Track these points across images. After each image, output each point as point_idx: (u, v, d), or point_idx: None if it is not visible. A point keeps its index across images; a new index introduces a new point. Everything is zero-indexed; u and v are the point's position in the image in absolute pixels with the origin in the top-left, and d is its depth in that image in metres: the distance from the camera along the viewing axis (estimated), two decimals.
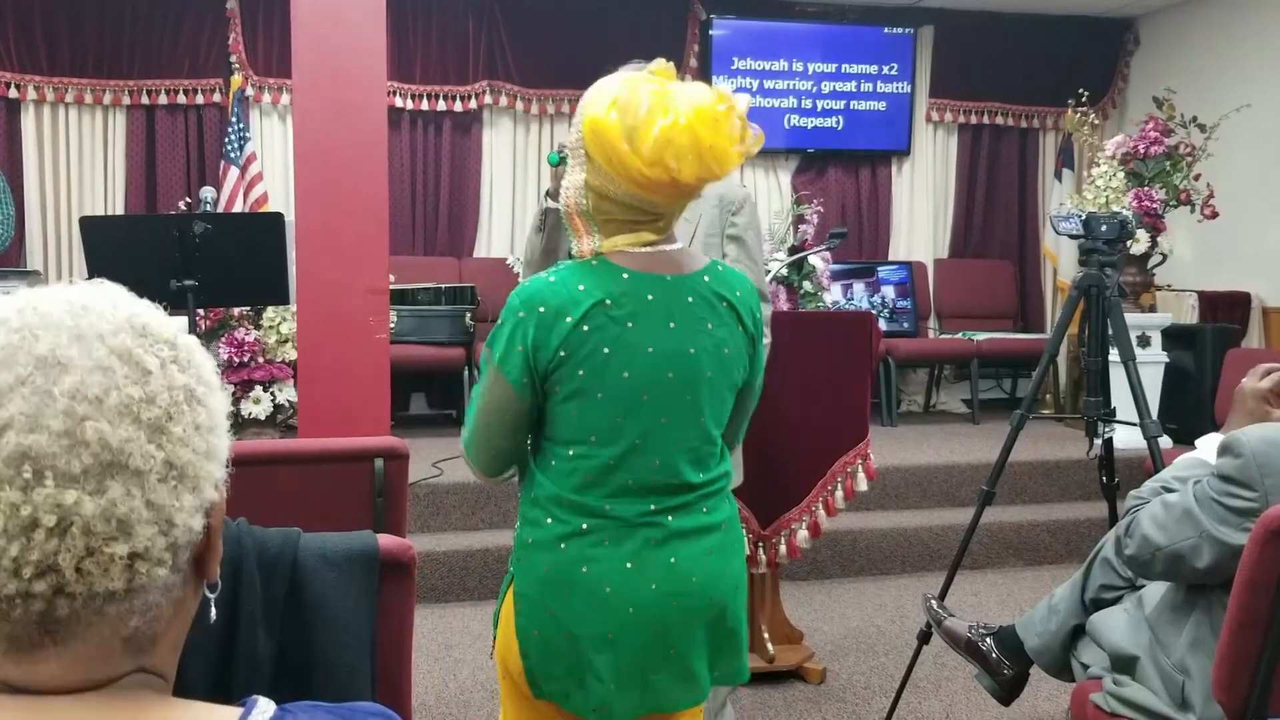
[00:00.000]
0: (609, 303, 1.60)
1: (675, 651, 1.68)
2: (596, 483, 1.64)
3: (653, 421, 1.63)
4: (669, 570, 1.66)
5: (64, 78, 6.14)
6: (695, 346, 1.65)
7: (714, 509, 1.73)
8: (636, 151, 1.55)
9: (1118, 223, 2.96)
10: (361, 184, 3.78)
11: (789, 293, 6.30)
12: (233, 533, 1.51)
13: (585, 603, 1.63)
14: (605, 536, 1.64)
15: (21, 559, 0.66)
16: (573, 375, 1.60)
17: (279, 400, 5.17)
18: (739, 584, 1.77)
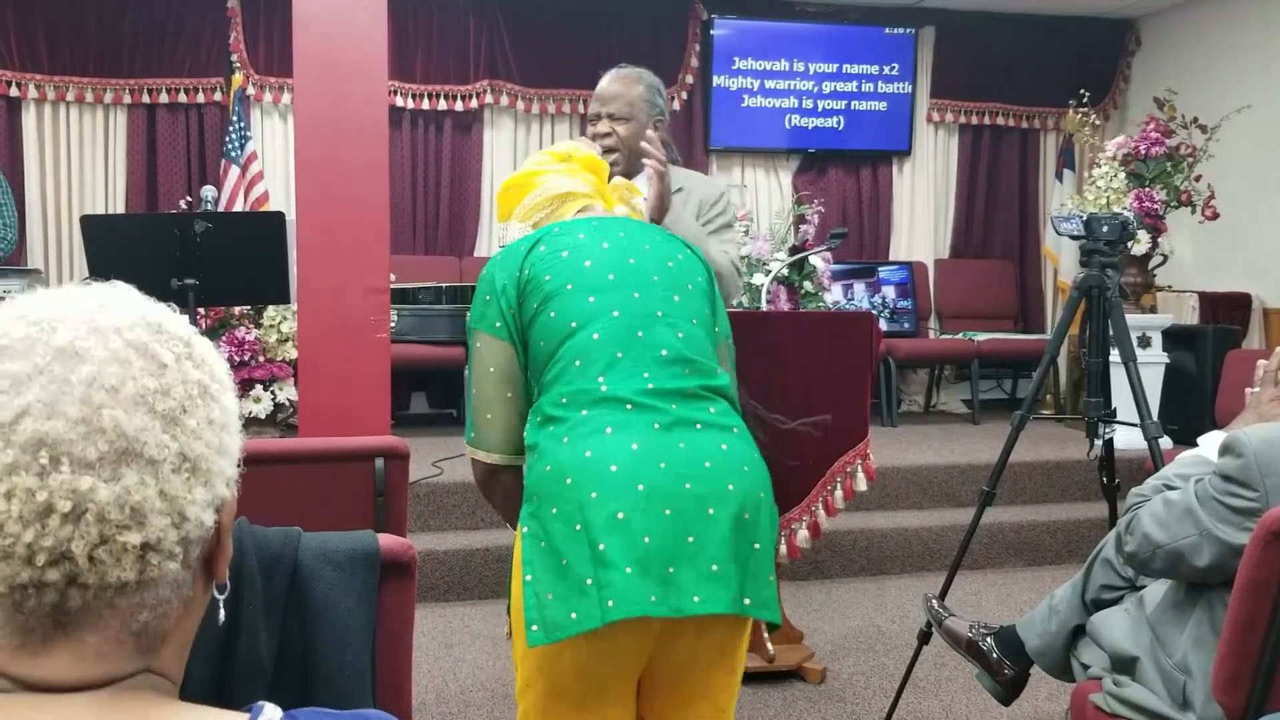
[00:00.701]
0: (557, 230, 1.77)
1: (695, 541, 1.54)
2: (586, 364, 1.63)
3: (625, 295, 1.68)
4: (678, 453, 1.57)
5: (65, 76, 6.14)
6: (648, 244, 1.78)
7: (723, 413, 1.66)
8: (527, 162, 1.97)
9: (1119, 223, 2.95)
10: (362, 183, 3.78)
11: (790, 293, 6.30)
12: (233, 532, 1.51)
13: (591, 485, 1.53)
14: (606, 423, 1.58)
15: (36, 545, 0.66)
16: (540, 284, 1.69)
17: (279, 399, 5.17)
18: (763, 498, 1.63)
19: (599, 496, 1.53)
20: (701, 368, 1.68)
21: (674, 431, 1.59)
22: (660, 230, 1.89)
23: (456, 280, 6.22)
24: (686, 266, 1.78)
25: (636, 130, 2.70)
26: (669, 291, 1.71)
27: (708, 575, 1.53)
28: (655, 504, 1.53)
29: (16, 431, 0.66)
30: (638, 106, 2.73)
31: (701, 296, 1.77)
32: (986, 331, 6.75)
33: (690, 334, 1.69)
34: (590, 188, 1.90)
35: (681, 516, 1.54)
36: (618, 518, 1.52)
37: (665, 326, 1.67)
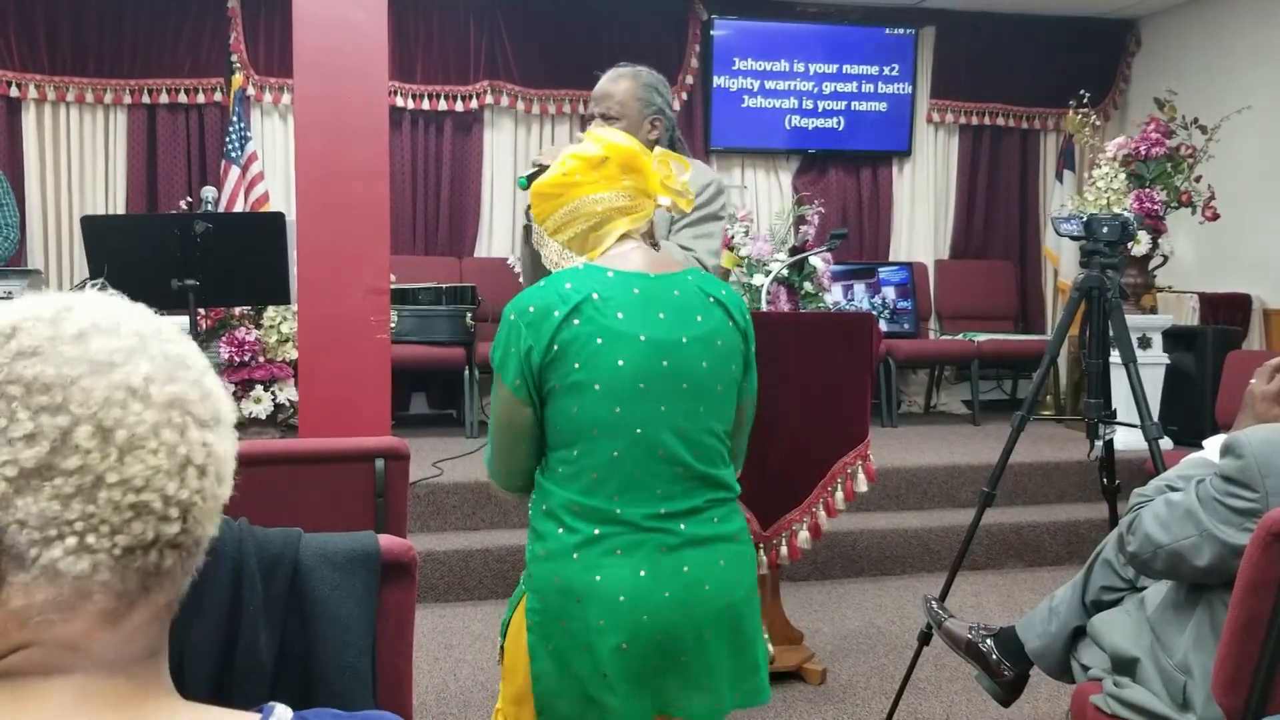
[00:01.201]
0: (596, 296, 1.65)
1: (685, 660, 1.68)
2: (603, 480, 1.64)
3: (652, 409, 1.65)
4: (681, 578, 1.66)
5: (65, 77, 6.14)
6: (687, 335, 1.69)
7: (725, 519, 1.74)
8: (560, 163, 1.77)
9: (1119, 224, 2.95)
10: (362, 183, 3.78)
11: (790, 293, 6.30)
12: (234, 533, 1.51)
13: (599, 613, 1.63)
14: (617, 544, 1.64)
15: (174, 498, 0.70)
16: (568, 370, 1.63)
17: (279, 400, 5.16)
18: (752, 597, 1.77)
19: (605, 625, 1.63)
20: (712, 480, 1.72)
21: (680, 554, 1.67)
22: (703, 297, 1.73)
23: (457, 281, 6.22)
24: (723, 354, 1.73)
25: (629, 128, 2.69)
26: (696, 401, 1.69)
27: (696, 686, 1.69)
28: (657, 634, 1.65)
29: (151, 394, 0.71)
30: (629, 105, 2.72)
31: (730, 389, 1.75)
32: (986, 332, 6.75)
33: (708, 447, 1.71)
34: (629, 196, 1.74)
35: (678, 640, 1.67)
36: (621, 648, 1.63)
37: (686, 444, 1.68)
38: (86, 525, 0.68)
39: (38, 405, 0.68)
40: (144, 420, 0.70)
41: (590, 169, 1.73)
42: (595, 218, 1.74)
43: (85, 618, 0.69)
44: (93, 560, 0.68)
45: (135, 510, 0.69)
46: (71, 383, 0.69)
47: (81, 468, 0.68)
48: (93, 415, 0.68)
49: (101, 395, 0.69)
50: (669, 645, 1.66)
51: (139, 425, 0.69)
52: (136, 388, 0.70)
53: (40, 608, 0.68)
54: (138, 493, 0.69)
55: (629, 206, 1.75)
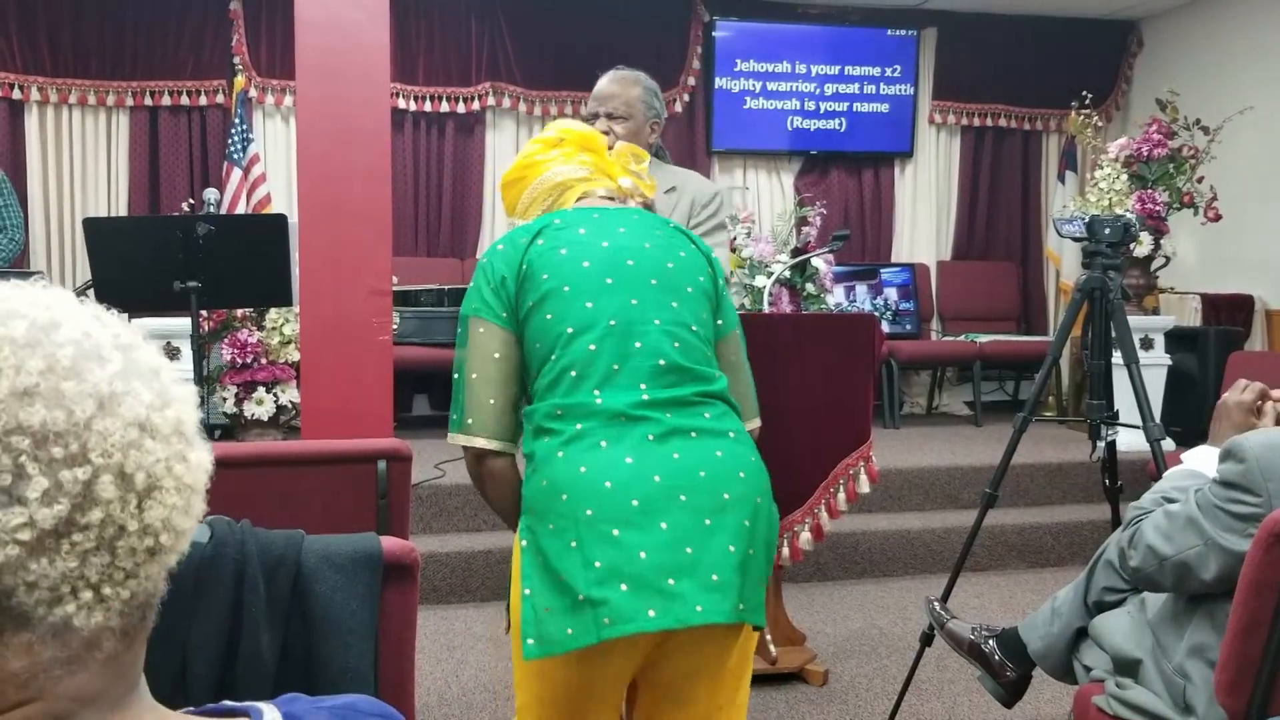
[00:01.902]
0: (558, 221, 1.74)
1: (694, 552, 1.53)
2: (582, 376, 1.62)
3: (623, 301, 1.66)
4: (672, 464, 1.57)
5: (67, 79, 6.15)
6: (649, 242, 1.74)
7: (719, 418, 1.65)
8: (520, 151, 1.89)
9: (1121, 225, 2.95)
10: (364, 185, 3.78)
11: (792, 295, 6.30)
12: (236, 535, 1.51)
13: (585, 501, 1.54)
14: (601, 437, 1.58)
15: (183, 531, 0.67)
16: (538, 282, 1.67)
17: (282, 401, 5.17)
18: (760, 502, 1.62)
19: (594, 514, 1.53)
20: (697, 374, 1.66)
21: (668, 442, 1.59)
22: (663, 223, 1.82)
23: (459, 282, 6.22)
24: (688, 265, 1.75)
25: (634, 130, 2.71)
26: (667, 296, 1.68)
27: (709, 585, 1.53)
28: (650, 519, 1.53)
29: (158, 426, 0.66)
30: (635, 107, 2.75)
31: (701, 297, 1.74)
32: (988, 333, 6.75)
33: (687, 341, 1.67)
34: (588, 169, 1.85)
35: (678, 529, 1.53)
36: (613, 535, 1.52)
37: (662, 334, 1.65)
38: (102, 577, 0.62)
39: (52, 458, 0.61)
40: (158, 457, 0.65)
41: (548, 148, 1.86)
42: (556, 189, 1.83)
43: (93, 667, 0.64)
44: (105, 611, 0.63)
45: (150, 553, 0.65)
46: (85, 427, 0.62)
47: (104, 520, 0.62)
48: (116, 463, 0.63)
49: (120, 438, 0.63)
50: (667, 533, 1.53)
51: (156, 465, 0.65)
52: (144, 422, 0.65)
53: (46, 665, 0.62)
54: (156, 536, 0.65)
55: (588, 178, 1.84)
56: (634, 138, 2.70)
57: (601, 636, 1.49)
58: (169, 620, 1.44)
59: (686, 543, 1.53)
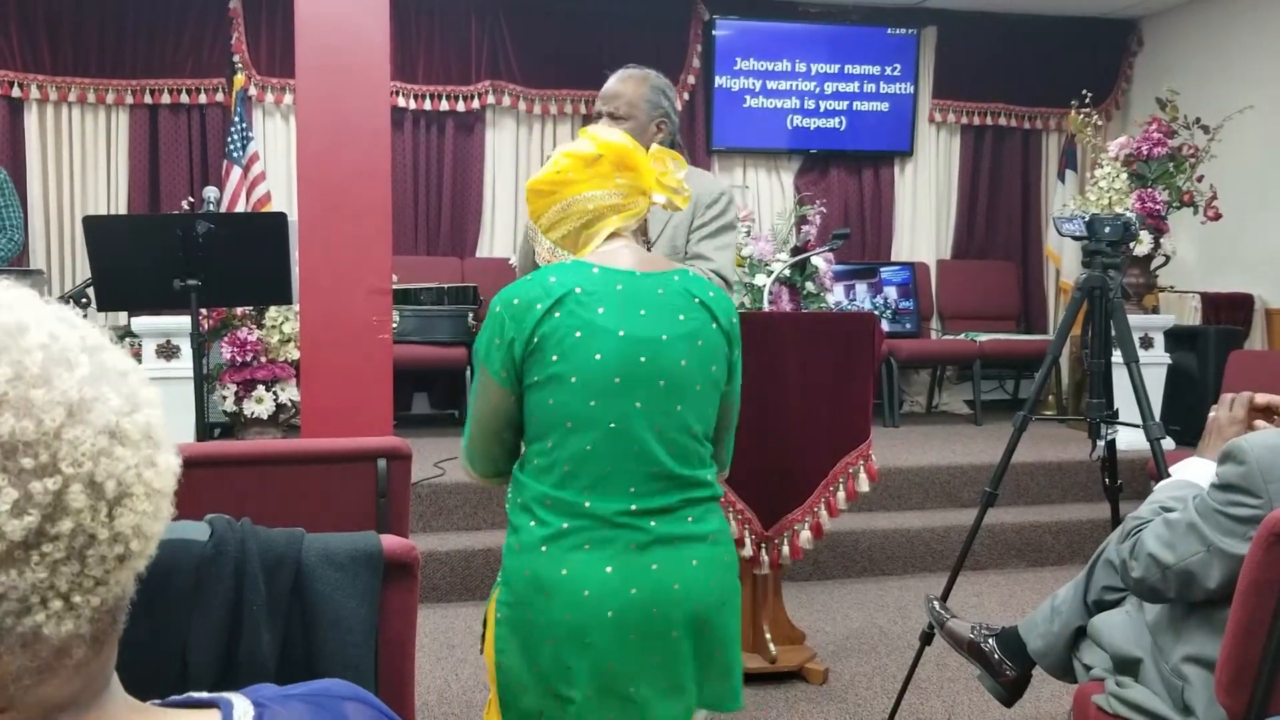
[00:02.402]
0: (579, 290, 1.66)
1: (658, 661, 1.66)
2: (575, 473, 1.64)
3: (627, 405, 1.64)
4: (649, 576, 1.64)
5: (67, 77, 6.15)
6: (668, 333, 1.68)
7: (701, 519, 1.72)
8: (544, 168, 1.79)
9: (1121, 224, 2.95)
10: (364, 184, 3.78)
11: (791, 293, 6.30)
12: (236, 534, 1.51)
13: (564, 606, 1.62)
14: (586, 539, 1.64)
15: (153, 536, 0.66)
16: (546, 361, 1.64)
17: (281, 400, 5.16)
18: (727, 601, 1.74)
19: (571, 619, 1.62)
20: (687, 480, 1.70)
21: (649, 551, 1.65)
22: (688, 299, 1.72)
23: (458, 281, 6.22)
24: (704, 354, 1.71)
25: (636, 130, 2.70)
26: (673, 400, 1.67)
27: (665, 691, 1.67)
28: (623, 631, 1.63)
29: (127, 431, 0.65)
30: (638, 106, 2.74)
31: (711, 390, 1.73)
32: (988, 332, 6.75)
33: (683, 446, 1.69)
34: (623, 194, 1.74)
35: (646, 640, 1.65)
36: (585, 643, 1.63)
37: (661, 442, 1.66)
38: (72, 586, 0.61)
39: (21, 468, 0.59)
40: (128, 464, 0.64)
41: (584, 166, 1.74)
42: (586, 215, 1.75)
43: (64, 675, 0.63)
44: (75, 620, 0.62)
45: (120, 560, 0.64)
46: (55, 436, 0.61)
47: (74, 530, 0.61)
48: (86, 472, 0.61)
49: (90, 446, 0.62)
50: (635, 645, 1.64)
51: (126, 472, 0.64)
52: (115, 429, 0.64)
53: (15, 674, 0.61)
54: (126, 543, 0.64)
55: (621, 205, 1.75)
56: (638, 137, 2.69)
57: None
58: (169, 619, 1.44)
59: (652, 654, 1.65)
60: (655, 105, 2.77)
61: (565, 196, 1.75)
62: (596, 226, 1.75)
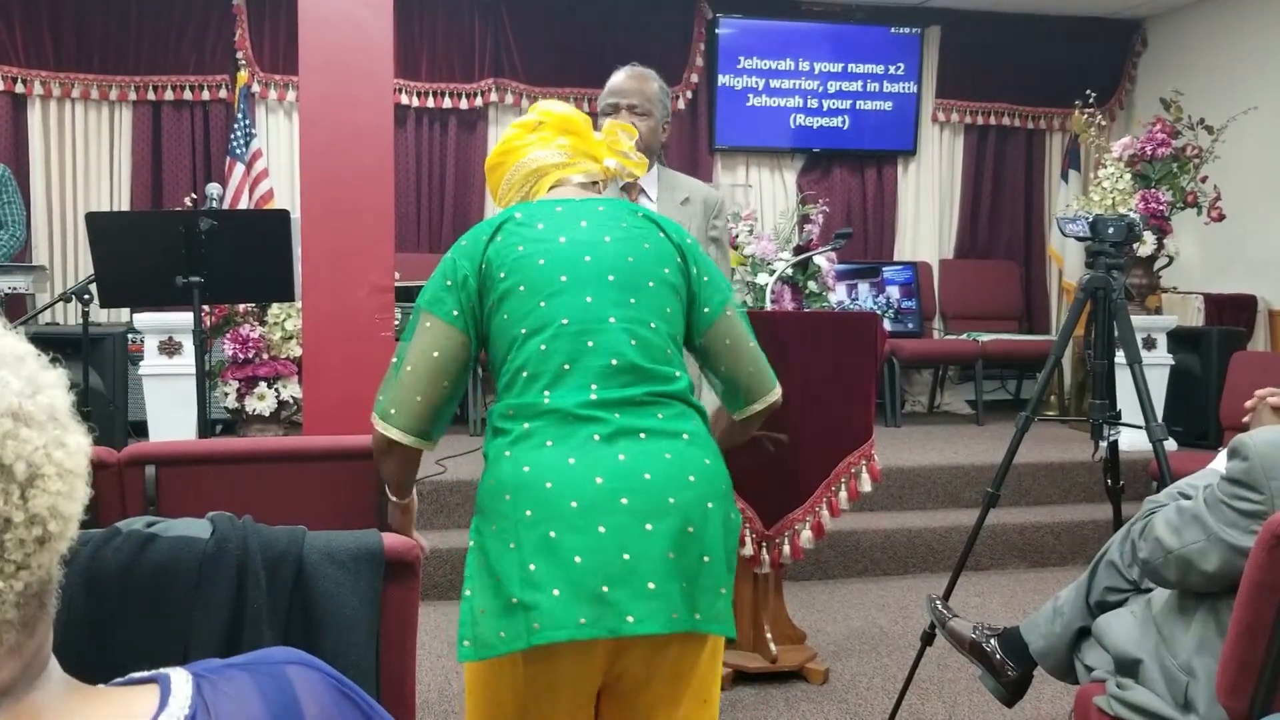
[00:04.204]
0: (519, 215, 1.69)
1: (631, 559, 1.48)
2: (533, 376, 1.58)
3: (577, 300, 1.61)
4: (616, 465, 1.52)
5: (70, 73, 6.15)
6: (610, 236, 1.67)
7: (673, 418, 1.59)
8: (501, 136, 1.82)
9: (1125, 225, 2.95)
10: (367, 181, 3.78)
11: (794, 293, 6.29)
12: (238, 531, 1.51)
13: (525, 503, 1.50)
14: (547, 436, 1.55)
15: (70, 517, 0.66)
16: (496, 281, 1.64)
17: (283, 397, 5.17)
18: (712, 506, 1.56)
19: (533, 515, 1.49)
20: (652, 374, 1.60)
21: (615, 443, 1.54)
22: (631, 212, 1.73)
23: None
24: (653, 257, 1.68)
25: (652, 126, 2.70)
26: (625, 293, 1.63)
27: (643, 593, 1.47)
28: (589, 521, 1.48)
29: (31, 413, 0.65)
30: (655, 103, 2.74)
31: (666, 290, 1.67)
32: (991, 332, 6.75)
33: (644, 338, 1.61)
34: (565, 153, 1.77)
35: (617, 533, 1.48)
36: (549, 537, 1.48)
37: (617, 332, 1.60)
38: None
39: None
40: (36, 445, 0.64)
41: (526, 133, 1.79)
42: (531, 177, 1.77)
43: None
44: (0, 606, 0.62)
45: (40, 542, 0.64)
46: None
47: None
48: None
49: None
50: (605, 540, 1.48)
51: (35, 453, 0.63)
52: (17, 411, 0.63)
53: None
54: (44, 525, 0.63)
55: (565, 163, 1.77)
56: (652, 134, 2.69)
57: (530, 642, 1.45)
58: (171, 616, 1.44)
59: (624, 548, 1.48)
60: (665, 105, 2.79)
61: (511, 164, 1.79)
62: (540, 183, 1.78)
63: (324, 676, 0.77)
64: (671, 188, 2.83)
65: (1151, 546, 1.95)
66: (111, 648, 1.38)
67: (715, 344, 1.73)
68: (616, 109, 2.72)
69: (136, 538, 1.46)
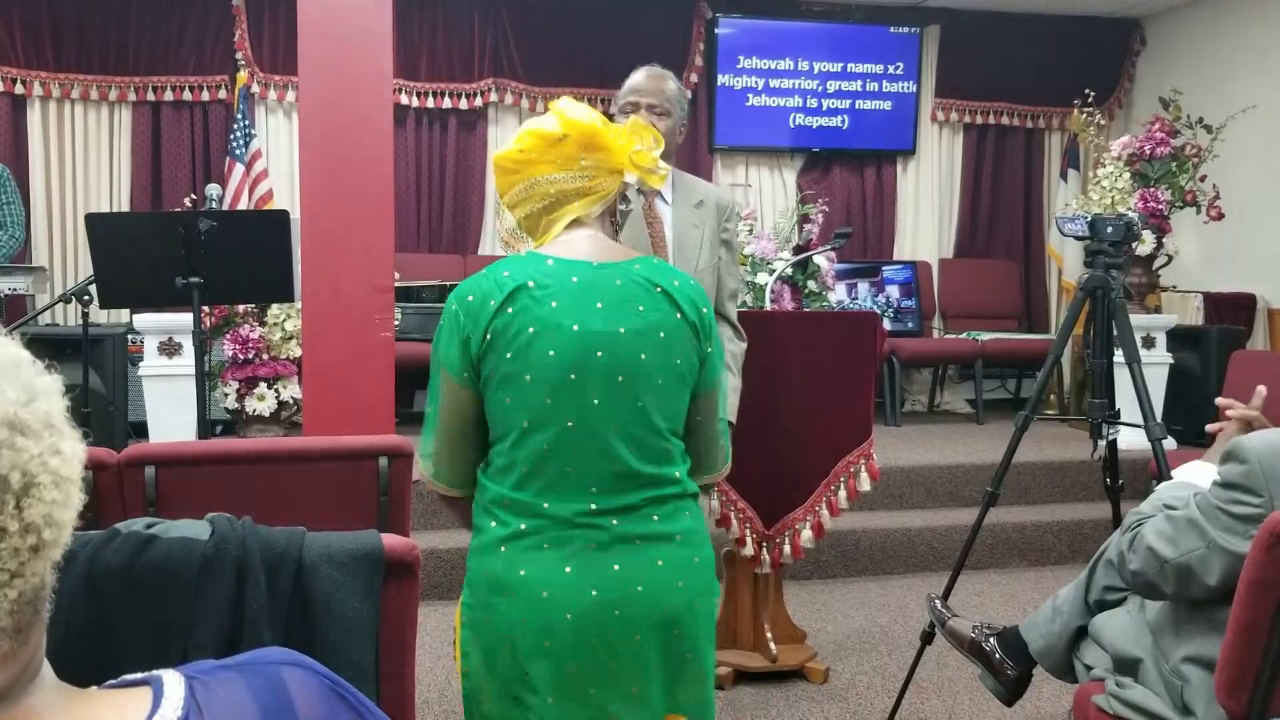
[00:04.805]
0: (532, 284, 1.59)
1: (618, 666, 1.58)
2: (534, 474, 1.58)
3: (585, 402, 1.57)
4: (611, 577, 1.57)
5: (70, 73, 6.15)
6: (625, 326, 1.60)
7: (669, 518, 1.62)
8: (510, 143, 1.69)
9: (1124, 224, 2.95)
10: (366, 181, 3.78)
11: (793, 292, 6.29)
12: (238, 532, 1.51)
13: (523, 608, 1.56)
14: (545, 539, 1.57)
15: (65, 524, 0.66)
16: (501, 359, 1.58)
17: (283, 397, 5.17)
18: (698, 604, 1.65)
19: (528, 622, 1.56)
20: (652, 479, 1.61)
21: (611, 551, 1.58)
22: (648, 288, 1.64)
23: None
24: (666, 347, 1.62)
25: (671, 128, 2.69)
26: (634, 396, 1.59)
27: (627, 696, 1.59)
28: (583, 634, 1.56)
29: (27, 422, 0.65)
30: (674, 104, 2.73)
31: (675, 384, 1.64)
32: (990, 331, 6.75)
33: (646, 444, 1.61)
34: (587, 177, 1.66)
35: (607, 644, 1.58)
36: (544, 645, 1.56)
37: (622, 439, 1.59)
38: None
39: None
40: (32, 454, 0.63)
41: (546, 148, 1.65)
42: (549, 199, 1.66)
43: None
44: None
45: (34, 550, 0.63)
46: None
47: None
48: None
49: None
50: (597, 649, 1.56)
51: (30, 462, 0.63)
52: (14, 420, 0.63)
53: None
54: (38, 534, 0.63)
55: (586, 188, 1.66)
56: (671, 135, 2.69)
57: None
58: (171, 618, 1.44)
59: (613, 657, 1.58)
60: (683, 106, 2.77)
61: (527, 177, 1.67)
62: (558, 213, 1.67)
63: (317, 676, 0.77)
64: (686, 191, 2.82)
65: (1144, 558, 1.89)
66: (111, 649, 1.39)
67: (690, 417, 1.71)
68: (636, 108, 2.70)
69: (136, 539, 1.46)
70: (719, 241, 2.82)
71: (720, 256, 2.82)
